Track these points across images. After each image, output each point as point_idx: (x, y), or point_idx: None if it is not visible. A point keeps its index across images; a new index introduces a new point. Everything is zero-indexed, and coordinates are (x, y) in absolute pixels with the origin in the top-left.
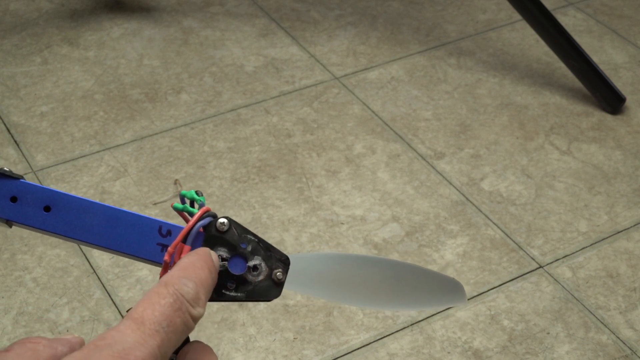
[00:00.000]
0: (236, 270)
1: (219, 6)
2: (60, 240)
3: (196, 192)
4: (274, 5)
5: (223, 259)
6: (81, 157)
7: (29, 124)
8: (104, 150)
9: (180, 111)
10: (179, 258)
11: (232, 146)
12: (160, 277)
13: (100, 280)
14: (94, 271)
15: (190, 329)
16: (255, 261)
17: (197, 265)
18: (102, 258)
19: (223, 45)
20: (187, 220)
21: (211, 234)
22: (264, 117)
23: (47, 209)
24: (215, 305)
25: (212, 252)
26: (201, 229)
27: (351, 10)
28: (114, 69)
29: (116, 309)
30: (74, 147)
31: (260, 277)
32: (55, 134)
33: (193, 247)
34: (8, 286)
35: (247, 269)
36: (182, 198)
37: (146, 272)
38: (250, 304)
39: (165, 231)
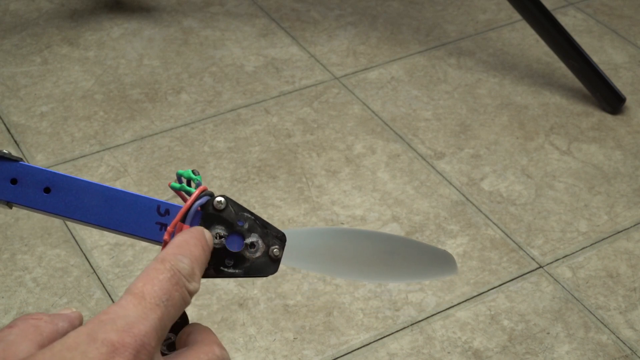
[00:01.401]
0: (234, 247)
1: (219, 6)
2: (61, 240)
3: (193, 171)
4: (274, 5)
5: (220, 237)
6: (81, 157)
7: (29, 124)
8: (104, 150)
9: (180, 111)
10: None
11: (232, 146)
12: None
13: (100, 280)
14: (94, 271)
15: (187, 303)
16: (252, 238)
17: (191, 243)
18: (102, 258)
19: (223, 45)
20: (184, 200)
21: (209, 212)
22: (264, 117)
23: (46, 190)
24: (215, 305)
25: (205, 230)
26: (199, 208)
27: (351, 10)
28: (114, 69)
29: None
30: (74, 147)
31: (258, 254)
32: (55, 134)
33: (192, 226)
34: (8, 286)
35: (245, 246)
36: (179, 177)
37: None
38: (251, 302)
39: (164, 210)
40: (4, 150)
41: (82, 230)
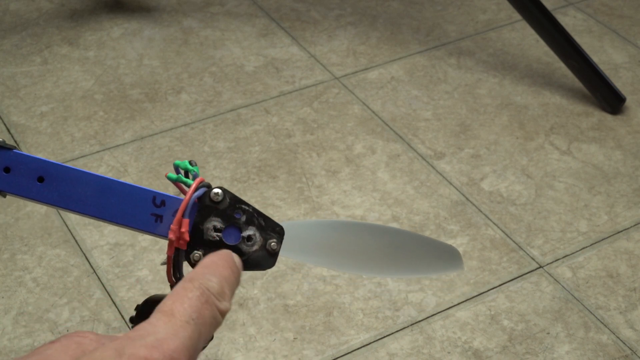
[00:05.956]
0: (230, 240)
1: (219, 6)
2: (61, 240)
3: (190, 162)
4: (274, 5)
5: (217, 230)
6: (81, 157)
7: (29, 124)
8: (104, 150)
9: (180, 111)
10: (179, 230)
11: (232, 146)
12: (167, 255)
13: (100, 280)
14: (94, 271)
15: (219, 323)
16: (250, 231)
17: (220, 264)
18: (102, 258)
19: (223, 45)
20: (182, 190)
21: (205, 205)
22: (264, 117)
23: (40, 179)
24: None
25: (234, 254)
26: (196, 200)
27: (351, 10)
28: (114, 69)
29: (116, 309)
30: (74, 147)
31: (255, 248)
32: (55, 134)
33: (189, 218)
34: (8, 286)
35: (242, 240)
36: (177, 168)
37: (146, 272)
38: (251, 302)
39: (160, 201)
40: None
41: (82, 230)
